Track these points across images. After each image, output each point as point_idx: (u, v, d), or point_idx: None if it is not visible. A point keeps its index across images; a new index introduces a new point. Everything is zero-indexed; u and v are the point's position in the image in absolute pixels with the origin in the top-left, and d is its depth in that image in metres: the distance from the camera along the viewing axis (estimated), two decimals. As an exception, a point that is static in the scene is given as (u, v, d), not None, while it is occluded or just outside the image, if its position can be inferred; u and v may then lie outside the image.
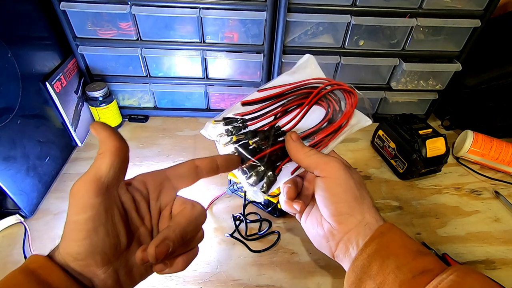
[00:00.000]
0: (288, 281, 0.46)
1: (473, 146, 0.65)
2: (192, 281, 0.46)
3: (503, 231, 0.55)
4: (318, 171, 0.34)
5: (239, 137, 0.39)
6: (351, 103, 0.41)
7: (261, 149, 0.38)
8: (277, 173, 0.37)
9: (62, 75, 0.61)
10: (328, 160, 0.34)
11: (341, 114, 0.40)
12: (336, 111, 0.41)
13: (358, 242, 0.32)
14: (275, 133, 0.39)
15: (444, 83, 0.72)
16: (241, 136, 0.39)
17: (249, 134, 0.39)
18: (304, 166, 0.36)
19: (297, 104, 0.42)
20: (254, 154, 0.37)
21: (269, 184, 0.37)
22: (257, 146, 0.38)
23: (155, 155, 0.66)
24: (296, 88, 0.42)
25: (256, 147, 0.38)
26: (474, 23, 0.61)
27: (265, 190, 0.37)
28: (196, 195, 0.58)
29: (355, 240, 0.32)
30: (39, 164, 0.55)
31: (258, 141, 0.38)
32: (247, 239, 0.51)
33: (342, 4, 0.59)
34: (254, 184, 0.37)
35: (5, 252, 0.48)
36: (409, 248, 0.30)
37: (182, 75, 0.71)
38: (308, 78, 0.43)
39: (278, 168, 0.38)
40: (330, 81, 0.43)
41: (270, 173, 0.37)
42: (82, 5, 0.58)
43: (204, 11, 0.59)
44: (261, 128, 0.40)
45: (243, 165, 0.38)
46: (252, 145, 0.38)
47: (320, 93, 0.41)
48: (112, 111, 0.70)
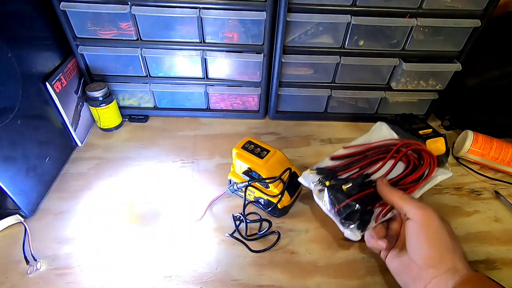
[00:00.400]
0: (288, 281, 0.46)
1: (473, 146, 0.65)
2: (192, 281, 0.46)
3: (503, 231, 0.55)
4: (412, 214, 0.37)
5: (332, 183, 0.47)
6: (429, 158, 0.48)
7: (352, 194, 0.44)
8: (371, 215, 0.44)
9: (62, 75, 0.61)
10: (424, 206, 0.37)
11: (420, 167, 0.47)
12: (416, 165, 0.48)
13: (447, 286, 0.33)
14: (363, 180, 0.47)
15: (444, 83, 0.72)
16: (334, 182, 0.47)
17: (340, 181, 0.47)
18: (398, 207, 0.39)
19: (379, 158, 0.49)
20: (347, 198, 0.44)
21: (365, 224, 0.43)
22: (348, 191, 0.45)
23: (155, 155, 0.66)
24: (376, 146, 0.51)
25: (347, 192, 0.45)
26: (474, 23, 0.61)
27: (362, 229, 0.43)
28: (196, 195, 0.58)
29: (445, 285, 0.33)
30: (39, 164, 0.55)
31: (350, 187, 0.45)
32: (247, 239, 0.51)
33: (342, 4, 0.59)
34: (349, 224, 0.44)
35: (5, 252, 0.48)
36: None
37: (182, 75, 0.71)
38: (383, 139, 0.53)
39: (370, 210, 0.44)
40: (405, 141, 0.50)
41: (365, 214, 0.43)
42: (82, 5, 0.58)
43: (204, 11, 0.59)
44: (351, 177, 0.48)
45: (338, 206, 0.44)
46: (345, 190, 0.45)
47: (407, 147, 0.49)
48: (112, 111, 0.70)
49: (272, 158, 0.52)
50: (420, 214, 0.36)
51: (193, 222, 0.53)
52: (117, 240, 0.50)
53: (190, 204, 0.56)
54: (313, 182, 0.49)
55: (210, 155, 0.67)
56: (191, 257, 0.49)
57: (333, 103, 0.77)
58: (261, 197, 0.53)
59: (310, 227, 0.54)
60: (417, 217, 0.37)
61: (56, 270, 0.46)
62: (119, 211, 0.55)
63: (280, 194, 0.50)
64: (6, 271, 0.46)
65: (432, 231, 0.36)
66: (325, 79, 0.72)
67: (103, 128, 0.71)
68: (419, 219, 0.36)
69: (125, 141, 0.70)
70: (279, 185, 0.51)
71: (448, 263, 0.34)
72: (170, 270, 0.47)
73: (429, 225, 0.36)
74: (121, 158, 0.65)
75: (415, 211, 0.37)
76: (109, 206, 0.55)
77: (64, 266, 0.47)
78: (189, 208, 0.56)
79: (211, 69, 0.70)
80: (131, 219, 0.54)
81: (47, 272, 0.46)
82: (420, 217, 0.36)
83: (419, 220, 0.36)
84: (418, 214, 0.37)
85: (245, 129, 0.76)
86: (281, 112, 0.78)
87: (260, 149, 0.53)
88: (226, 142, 0.71)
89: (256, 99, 0.76)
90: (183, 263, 0.48)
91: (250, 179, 0.52)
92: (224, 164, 0.65)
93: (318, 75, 0.72)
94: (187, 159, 0.66)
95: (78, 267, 0.47)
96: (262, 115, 0.78)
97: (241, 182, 0.53)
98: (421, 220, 0.36)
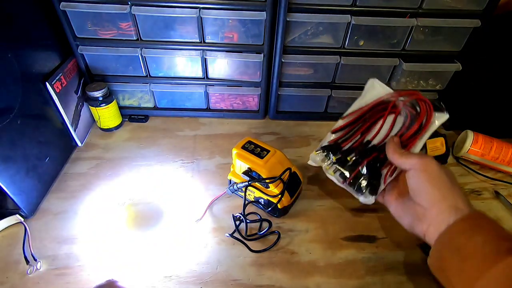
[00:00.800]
0: (288, 281, 0.46)
1: (473, 146, 0.65)
2: (192, 281, 0.46)
3: (503, 231, 0.55)
4: (412, 164, 0.39)
5: (337, 156, 0.48)
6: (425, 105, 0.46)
7: (358, 162, 0.47)
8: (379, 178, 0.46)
9: (62, 75, 0.61)
10: (423, 157, 0.39)
11: (418, 116, 0.46)
12: (413, 115, 0.47)
13: (449, 222, 0.35)
14: (365, 147, 0.48)
15: (444, 83, 0.72)
16: (339, 156, 0.49)
17: (345, 153, 0.48)
18: (399, 164, 0.41)
19: (377, 118, 0.49)
20: (354, 167, 0.47)
21: (376, 187, 0.46)
22: (353, 161, 0.47)
23: (155, 155, 0.66)
24: (372, 106, 0.50)
25: (354, 162, 0.47)
26: (474, 23, 0.61)
27: (374, 193, 0.46)
28: (196, 195, 0.58)
29: (447, 220, 0.35)
30: (39, 164, 0.55)
31: (354, 157, 0.47)
32: (247, 239, 0.51)
33: (342, 4, 0.59)
34: (363, 191, 0.46)
35: (5, 252, 0.48)
36: (499, 232, 0.33)
37: (182, 75, 0.71)
38: (378, 97, 0.50)
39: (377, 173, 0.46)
40: (400, 93, 0.49)
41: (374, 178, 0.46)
42: (82, 5, 0.58)
43: (204, 11, 0.59)
44: (354, 145, 0.49)
45: (349, 178, 0.47)
46: (350, 160, 0.47)
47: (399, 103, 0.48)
48: (112, 111, 0.70)
49: (272, 158, 0.52)
50: (419, 163, 0.39)
51: (193, 222, 0.53)
52: (117, 240, 0.50)
53: (190, 204, 0.56)
54: (321, 160, 0.51)
55: (210, 155, 0.67)
56: (191, 257, 0.49)
57: (333, 103, 0.77)
58: (261, 197, 0.53)
59: (310, 227, 0.54)
60: (417, 165, 0.39)
61: (56, 270, 0.46)
62: (119, 211, 0.55)
63: (280, 194, 0.50)
64: (6, 271, 0.46)
65: (432, 175, 0.38)
66: (325, 79, 0.72)
67: (103, 128, 0.71)
68: (419, 167, 0.39)
69: (125, 141, 0.70)
70: (279, 185, 0.51)
71: (449, 201, 0.36)
72: (170, 270, 0.47)
73: (428, 170, 0.38)
74: (121, 158, 0.65)
75: (415, 161, 0.39)
76: (109, 206, 0.55)
77: (64, 266, 0.47)
78: (189, 208, 0.56)
79: (211, 69, 0.70)
80: (131, 219, 0.54)
81: (47, 272, 0.46)
82: (419, 165, 0.39)
83: (419, 167, 0.39)
84: (417, 163, 0.39)
85: (245, 129, 0.76)
86: (281, 112, 0.78)
87: (260, 149, 0.53)
88: (226, 142, 0.71)
89: (256, 99, 0.76)
90: (183, 263, 0.48)
91: (250, 179, 0.52)
92: (224, 164, 0.65)
93: (318, 75, 0.72)
94: (187, 159, 0.66)
95: (78, 267, 0.47)
96: (262, 115, 0.78)
97: (241, 182, 0.53)
98: (421, 167, 0.39)
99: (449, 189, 0.37)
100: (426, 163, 0.39)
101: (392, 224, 0.55)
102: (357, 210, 0.57)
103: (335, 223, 0.55)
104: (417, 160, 0.39)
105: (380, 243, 0.52)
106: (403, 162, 0.40)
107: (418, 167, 0.39)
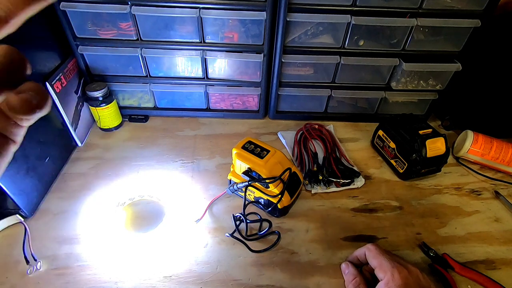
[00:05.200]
0: (288, 281, 0.46)
1: (473, 146, 0.65)
2: (192, 281, 0.46)
3: (503, 231, 0.55)
4: (381, 276, 0.39)
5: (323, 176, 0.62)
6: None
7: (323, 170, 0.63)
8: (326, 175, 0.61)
9: (62, 75, 0.61)
10: (390, 268, 0.39)
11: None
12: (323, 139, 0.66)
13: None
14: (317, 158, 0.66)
15: (444, 83, 0.72)
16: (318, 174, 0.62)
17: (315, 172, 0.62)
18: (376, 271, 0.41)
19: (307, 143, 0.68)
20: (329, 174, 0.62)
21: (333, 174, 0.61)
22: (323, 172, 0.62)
23: (155, 155, 0.66)
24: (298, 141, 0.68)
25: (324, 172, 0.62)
26: (474, 23, 0.61)
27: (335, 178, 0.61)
28: (196, 195, 0.58)
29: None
30: (39, 164, 0.55)
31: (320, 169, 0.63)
32: (247, 239, 0.51)
33: (342, 4, 0.59)
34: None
35: (5, 252, 0.48)
36: None
37: (182, 75, 0.71)
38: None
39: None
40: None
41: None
42: (82, 5, 0.58)
43: (204, 11, 0.59)
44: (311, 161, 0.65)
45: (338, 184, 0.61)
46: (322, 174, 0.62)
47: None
48: (112, 111, 0.70)
49: (272, 158, 0.52)
50: (385, 277, 0.39)
51: (193, 222, 0.53)
52: (117, 240, 0.50)
53: (190, 204, 0.56)
54: (315, 187, 0.60)
55: (210, 155, 0.67)
56: (191, 257, 0.49)
57: (333, 103, 0.77)
58: (261, 197, 0.53)
59: (310, 227, 0.54)
60: (383, 279, 0.39)
61: (56, 270, 0.46)
62: (119, 211, 0.55)
63: (280, 194, 0.50)
64: (6, 271, 0.46)
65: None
66: (325, 79, 0.72)
67: (103, 128, 0.71)
68: (384, 281, 0.39)
69: (125, 141, 0.70)
70: (279, 185, 0.51)
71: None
72: (170, 270, 0.47)
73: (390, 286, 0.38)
74: (121, 158, 0.65)
75: (383, 274, 0.39)
76: (109, 206, 0.55)
77: (64, 266, 0.47)
78: (189, 208, 0.56)
79: (211, 69, 0.70)
80: (131, 219, 0.54)
81: (47, 272, 0.46)
82: (384, 279, 0.39)
83: (383, 282, 0.39)
84: (384, 277, 0.39)
85: (245, 129, 0.76)
86: (281, 112, 0.78)
87: (260, 149, 0.53)
88: (226, 142, 0.71)
89: (256, 99, 0.76)
90: (183, 263, 0.48)
91: (250, 179, 0.52)
92: (224, 164, 0.65)
93: (318, 75, 0.72)
94: (187, 159, 0.66)
95: (78, 267, 0.47)
96: (262, 115, 0.78)
97: (241, 182, 0.53)
98: (385, 281, 0.39)
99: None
100: (390, 279, 0.38)
101: (392, 224, 0.55)
102: (357, 210, 0.57)
103: (335, 223, 0.55)
104: (385, 273, 0.39)
105: (380, 243, 0.52)
106: (379, 272, 0.40)
107: (384, 281, 0.39)
